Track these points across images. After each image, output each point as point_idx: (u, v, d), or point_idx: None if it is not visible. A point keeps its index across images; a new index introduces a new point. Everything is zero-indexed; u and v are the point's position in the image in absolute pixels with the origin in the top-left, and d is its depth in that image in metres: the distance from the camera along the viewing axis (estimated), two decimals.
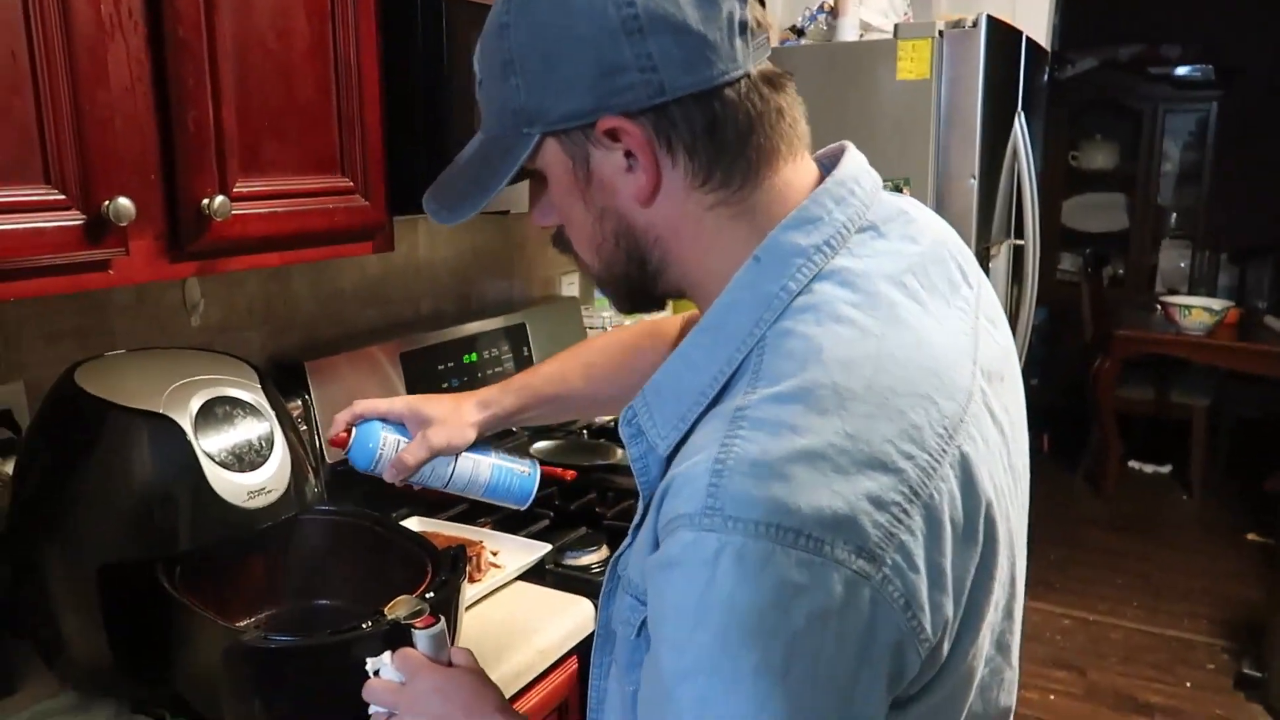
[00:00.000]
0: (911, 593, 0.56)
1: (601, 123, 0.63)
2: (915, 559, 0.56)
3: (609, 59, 0.61)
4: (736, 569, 0.53)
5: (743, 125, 0.64)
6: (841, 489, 0.54)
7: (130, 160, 0.99)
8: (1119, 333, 4.21)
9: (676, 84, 0.61)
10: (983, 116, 2.22)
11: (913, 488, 0.56)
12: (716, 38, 0.62)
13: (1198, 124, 5.29)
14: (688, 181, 0.65)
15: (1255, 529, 3.87)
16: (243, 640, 0.91)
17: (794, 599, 0.53)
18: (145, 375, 1.05)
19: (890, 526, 0.55)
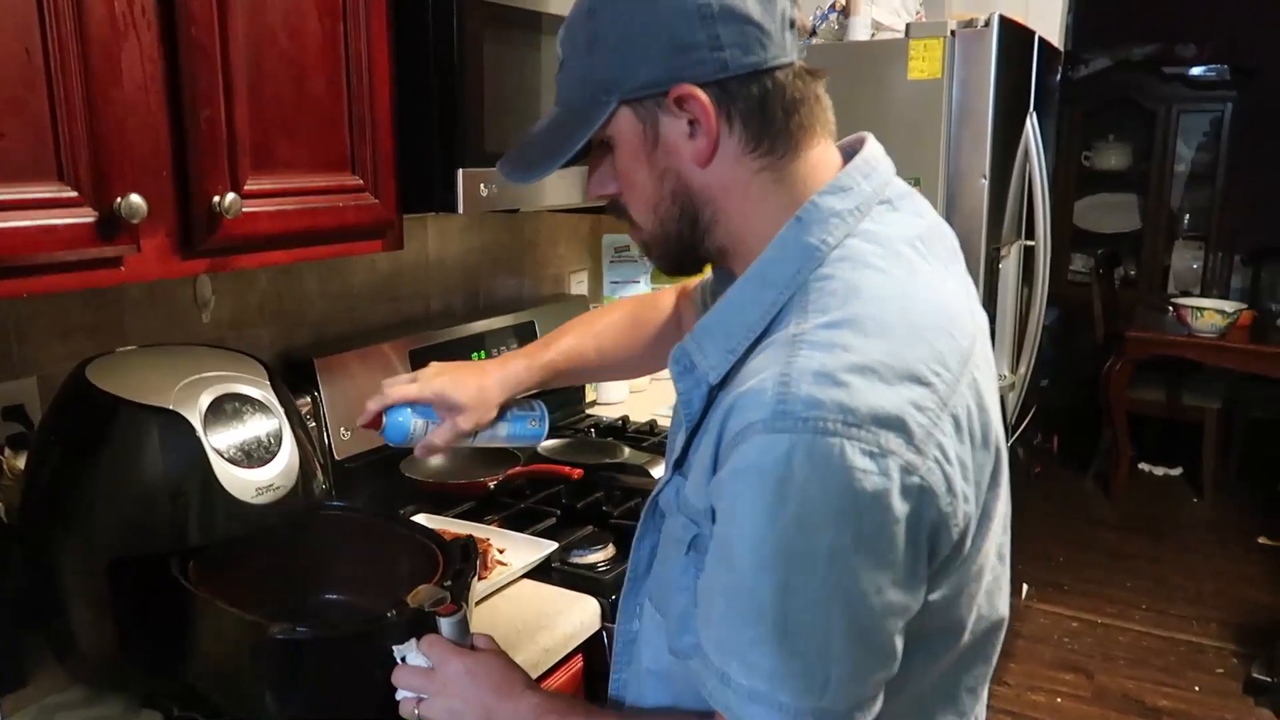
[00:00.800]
0: (949, 481, 0.67)
1: (674, 90, 0.74)
2: (949, 454, 0.67)
3: (684, 38, 0.72)
4: (808, 461, 0.63)
5: (788, 104, 0.75)
6: (889, 394, 0.65)
7: (142, 158, 0.99)
8: (1130, 334, 4.19)
9: (738, 63, 0.73)
10: (994, 116, 2.21)
11: (942, 398, 0.67)
12: (772, 28, 0.73)
13: (1211, 124, 5.25)
14: (740, 147, 0.76)
15: (1266, 532, 3.85)
16: (271, 634, 0.92)
17: (860, 484, 0.63)
18: (156, 371, 1.05)
19: (929, 427, 0.66)
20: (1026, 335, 2.63)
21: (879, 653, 0.67)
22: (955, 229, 2.48)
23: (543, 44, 1.44)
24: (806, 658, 0.65)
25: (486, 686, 0.86)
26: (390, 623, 0.93)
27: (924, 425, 0.66)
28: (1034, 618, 3.29)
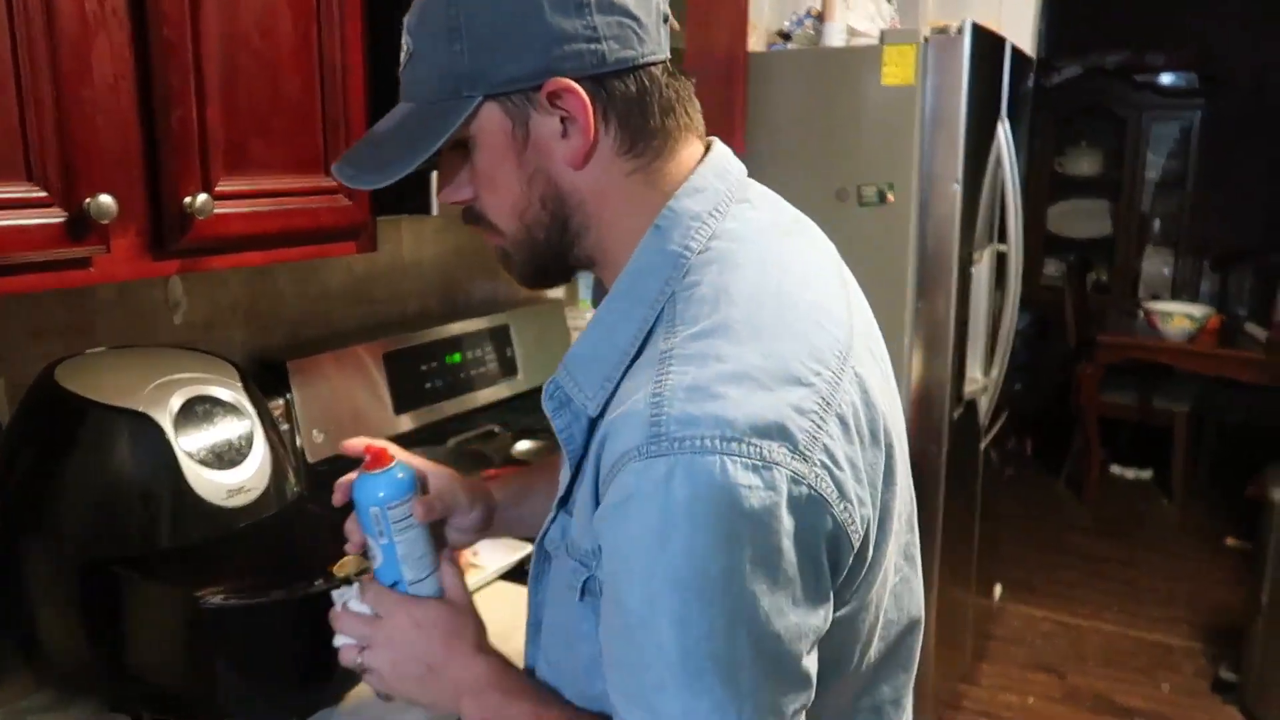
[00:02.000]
0: (840, 486, 0.63)
1: (548, 84, 0.67)
2: (838, 457, 0.63)
3: (558, 28, 0.66)
4: (690, 484, 0.59)
5: (664, 102, 0.71)
6: (768, 400, 0.61)
7: (113, 158, 0.99)
8: (1102, 338, 4.24)
9: (615, 56, 0.68)
10: (967, 122, 2.24)
11: (824, 398, 0.64)
12: (648, 22, 0.69)
13: (1181, 132, 5.33)
14: (615, 147, 0.70)
15: (1235, 534, 3.91)
16: (201, 604, 0.93)
17: (746, 501, 0.58)
18: (126, 373, 1.05)
19: (813, 431, 0.62)
20: (999, 339, 2.66)
21: (792, 679, 0.63)
22: (929, 234, 2.52)
23: None
24: (714, 694, 0.59)
25: (435, 640, 0.81)
26: (315, 591, 0.95)
27: (808, 430, 0.61)
28: (1007, 619, 3.32)
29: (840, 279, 0.77)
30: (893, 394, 0.77)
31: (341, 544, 1.09)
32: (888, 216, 2.31)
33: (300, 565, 1.13)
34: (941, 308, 2.35)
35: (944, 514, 2.45)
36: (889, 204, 2.30)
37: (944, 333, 2.36)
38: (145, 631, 1.00)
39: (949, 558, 2.55)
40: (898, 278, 2.33)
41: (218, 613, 0.95)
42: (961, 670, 2.89)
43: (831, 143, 2.34)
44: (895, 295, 2.33)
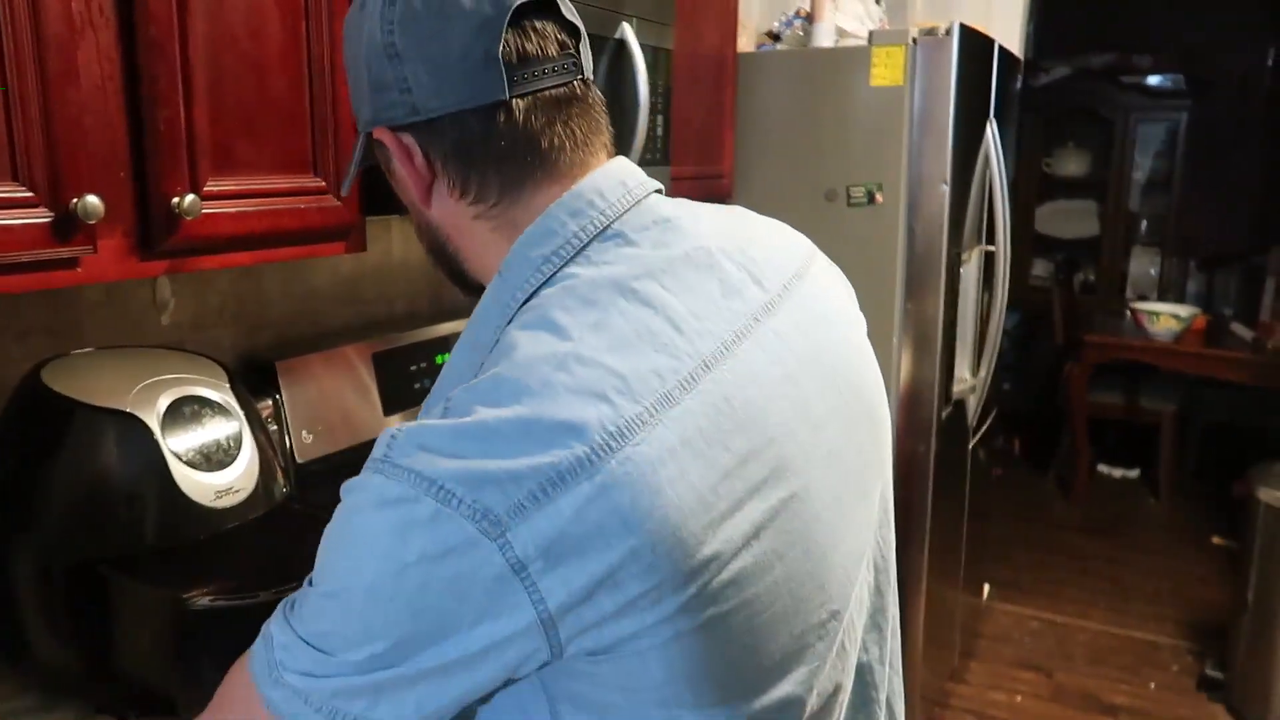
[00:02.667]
0: (527, 560, 0.57)
1: (375, 132, 0.71)
2: (543, 534, 0.57)
3: (378, 77, 0.69)
4: (378, 503, 0.60)
5: (494, 146, 0.68)
6: (488, 463, 0.57)
7: (100, 158, 0.98)
8: (1089, 338, 4.26)
9: (427, 106, 0.67)
10: (955, 123, 2.25)
11: (562, 474, 0.57)
12: (468, 69, 0.66)
13: (1168, 133, 5.37)
14: (449, 192, 0.71)
15: (1221, 533, 3.93)
16: (190, 606, 0.93)
17: (414, 538, 0.58)
18: (113, 374, 1.05)
19: (525, 501, 0.57)
20: (987, 339, 2.67)
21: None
22: (917, 234, 2.53)
23: None
24: None
25: None
26: None
27: (516, 499, 0.57)
28: (995, 618, 3.33)
29: (741, 328, 0.68)
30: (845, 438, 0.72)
31: None
32: (876, 217, 2.32)
33: (289, 566, 1.13)
34: (930, 308, 2.36)
35: (932, 513, 2.46)
36: (878, 204, 2.31)
37: (932, 332, 2.37)
38: (132, 633, 1.00)
39: (937, 557, 2.56)
40: (886, 278, 2.34)
41: (205, 614, 0.95)
42: (950, 669, 2.90)
43: (820, 143, 2.35)
44: (884, 295, 2.34)
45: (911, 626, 2.54)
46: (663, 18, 1.81)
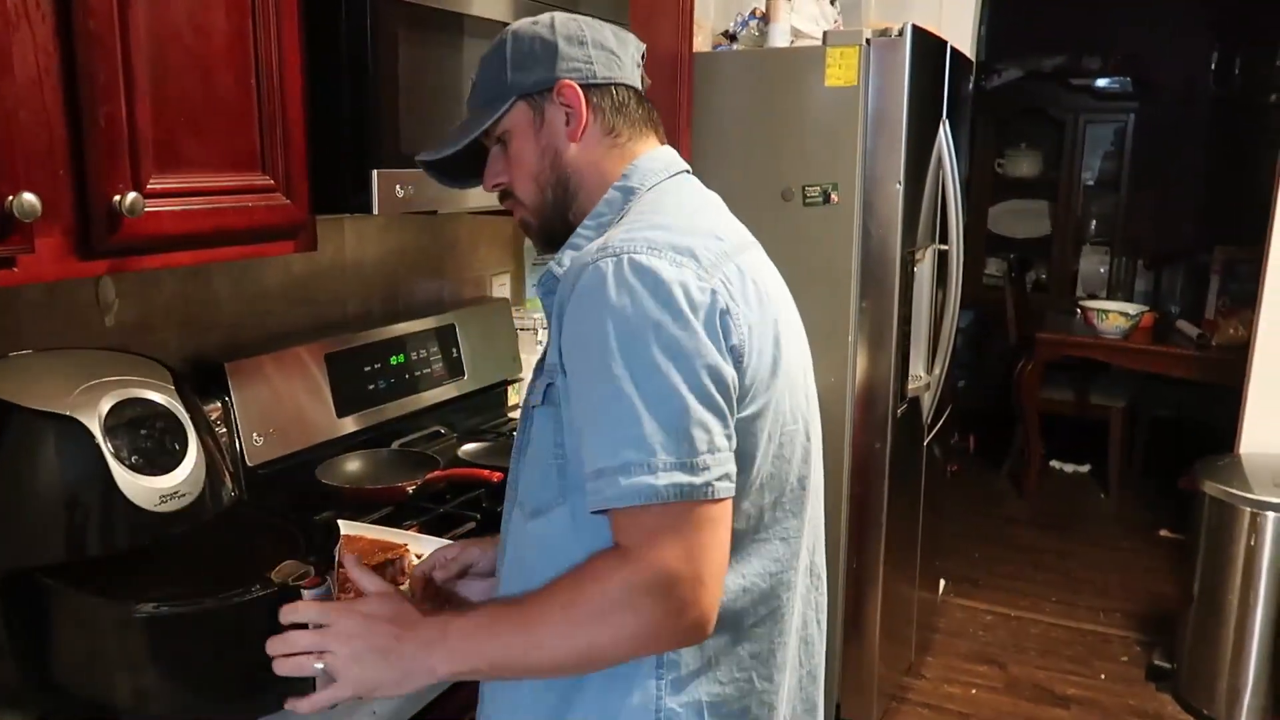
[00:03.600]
0: (731, 298, 0.89)
1: (559, 84, 1.01)
2: (732, 284, 0.90)
3: (566, 53, 1.01)
4: (634, 267, 0.86)
5: (630, 106, 1.05)
6: (682, 240, 0.90)
7: (36, 155, 0.96)
8: (1041, 336, 4.33)
9: (600, 74, 1.03)
10: (908, 123, 2.27)
11: (720, 257, 0.92)
12: (625, 58, 1.05)
13: (1116, 134, 5.48)
14: (599, 129, 1.03)
15: (1168, 525, 4.02)
16: (134, 613, 0.92)
17: (669, 282, 0.85)
18: (52, 376, 1.02)
19: (718, 260, 0.90)
20: (941, 337, 2.70)
21: (714, 407, 0.85)
22: (871, 233, 2.55)
23: (465, 46, 1.43)
24: (661, 418, 0.83)
25: (384, 623, 0.92)
26: (253, 597, 0.95)
27: (710, 261, 0.89)
28: (950, 612, 3.37)
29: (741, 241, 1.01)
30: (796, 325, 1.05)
31: (281, 549, 1.08)
32: (832, 216, 2.34)
33: (238, 571, 1.11)
34: (885, 306, 2.38)
35: (888, 510, 2.49)
36: (833, 204, 2.33)
37: (887, 330, 2.39)
38: (74, 642, 0.98)
39: (893, 553, 2.58)
40: (842, 277, 2.35)
41: (150, 621, 0.93)
42: (906, 663, 2.94)
43: (776, 143, 2.36)
44: (839, 294, 2.36)
45: (868, 623, 2.57)
46: (618, 17, 1.80)
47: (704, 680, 0.94)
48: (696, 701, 0.94)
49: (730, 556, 0.90)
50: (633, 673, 0.92)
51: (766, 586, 0.98)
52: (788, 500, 0.99)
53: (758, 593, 0.97)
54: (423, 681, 0.91)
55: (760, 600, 0.97)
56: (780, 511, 0.99)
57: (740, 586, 0.95)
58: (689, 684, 0.93)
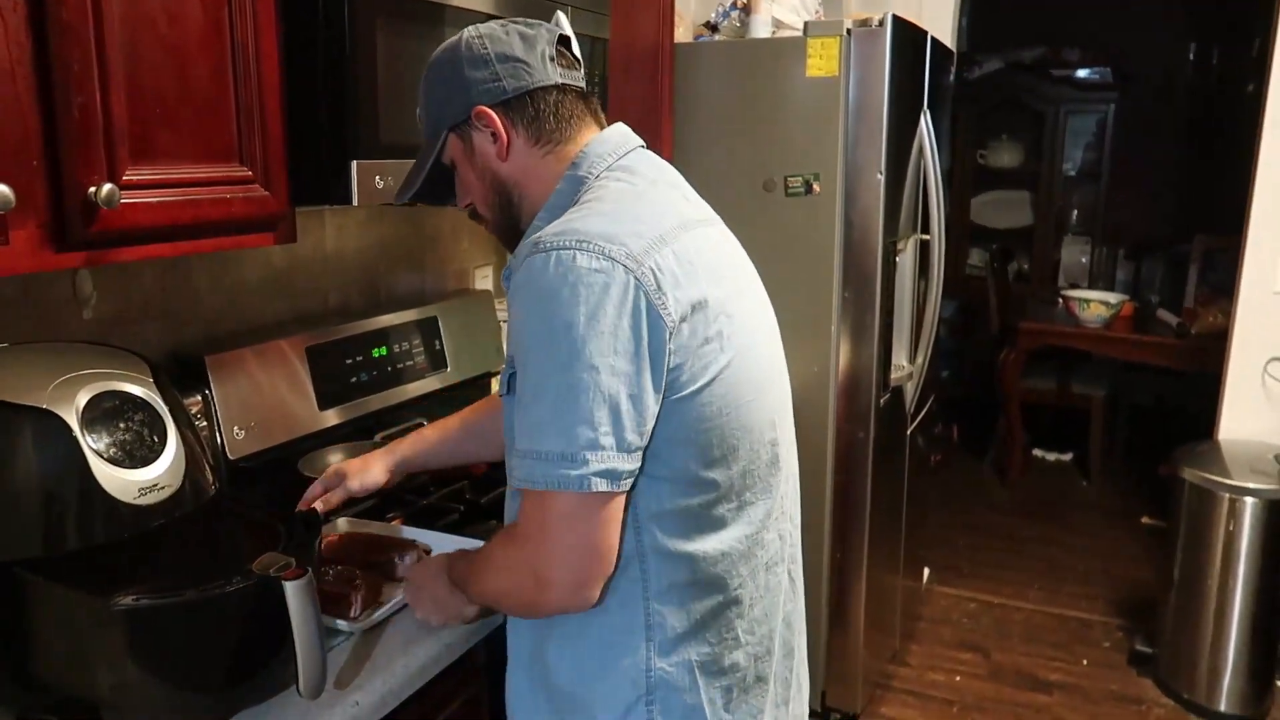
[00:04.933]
0: (659, 286, 0.92)
1: (474, 110, 1.05)
2: (662, 276, 0.93)
3: (474, 76, 1.05)
4: (558, 263, 0.91)
5: (555, 109, 1.06)
6: (614, 229, 0.94)
7: (9, 146, 0.95)
8: (1023, 325, 4.36)
9: (512, 87, 1.05)
10: (889, 113, 2.28)
11: (654, 243, 0.95)
12: (534, 61, 1.05)
13: (1097, 125, 5.50)
14: (525, 141, 1.06)
15: (1149, 512, 4.06)
16: (113, 606, 0.92)
17: (591, 274, 0.90)
18: (29, 369, 1.01)
19: (650, 247, 0.94)
20: (924, 327, 2.71)
21: (612, 405, 0.90)
22: (853, 223, 2.55)
23: (445, 36, 1.41)
24: (556, 412, 0.90)
25: (427, 585, 1.21)
26: (234, 589, 0.96)
27: (641, 248, 0.93)
28: (934, 600, 3.40)
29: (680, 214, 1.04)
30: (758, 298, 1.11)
31: (262, 542, 1.08)
32: (814, 207, 2.34)
33: (217, 563, 1.11)
34: (867, 296, 2.39)
35: (871, 499, 2.50)
36: (815, 194, 2.33)
37: (869, 321, 2.40)
38: (52, 636, 0.97)
39: (877, 542, 2.60)
40: (824, 267, 2.36)
41: (129, 614, 0.93)
42: (891, 651, 2.95)
43: (758, 134, 2.36)
44: (822, 284, 2.36)
45: (852, 611, 2.58)
46: (598, 7, 1.80)
47: (693, 642, 1.02)
48: (687, 662, 1.01)
49: (706, 525, 0.99)
50: (624, 638, 1.00)
51: (744, 549, 1.04)
52: (760, 468, 1.04)
53: (737, 555, 1.03)
54: (461, 608, 1.18)
55: (741, 560, 1.03)
56: (752, 479, 1.03)
57: (719, 551, 1.01)
58: (678, 646, 1.01)
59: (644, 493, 0.97)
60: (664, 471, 0.97)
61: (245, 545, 1.09)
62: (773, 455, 1.06)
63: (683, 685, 1.01)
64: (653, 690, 1.01)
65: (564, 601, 0.96)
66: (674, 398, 0.95)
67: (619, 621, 1.00)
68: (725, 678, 1.05)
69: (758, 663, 1.08)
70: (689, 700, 1.02)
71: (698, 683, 1.02)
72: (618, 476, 0.91)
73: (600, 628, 1.01)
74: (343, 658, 1.17)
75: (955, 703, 2.80)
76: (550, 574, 0.94)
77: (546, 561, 0.94)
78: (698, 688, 1.02)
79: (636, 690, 1.01)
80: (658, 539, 0.98)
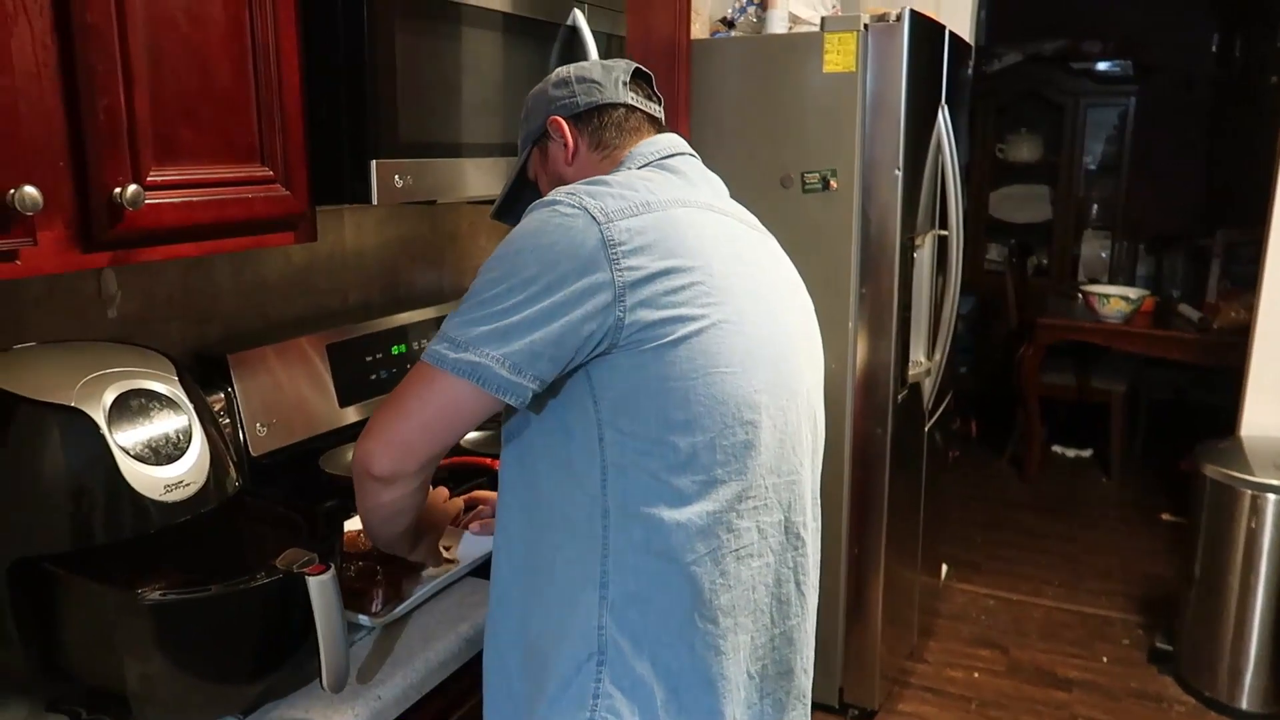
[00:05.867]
0: (622, 243, 0.97)
1: (550, 120, 1.19)
2: (632, 234, 0.98)
3: (553, 96, 1.19)
4: (540, 211, 1.01)
5: (617, 122, 1.18)
6: (604, 190, 1.02)
7: (36, 148, 0.96)
8: (1042, 321, 4.33)
9: (582, 103, 1.18)
10: (907, 109, 2.27)
11: (639, 206, 1.01)
12: (607, 83, 1.18)
13: (1118, 117, 5.46)
14: (588, 147, 1.18)
15: (1169, 509, 4.03)
16: (142, 601, 0.94)
17: (561, 218, 0.98)
18: (57, 368, 1.03)
19: (633, 208, 1.00)
20: (941, 323, 2.70)
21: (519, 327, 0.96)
22: (871, 219, 2.55)
23: (464, 36, 1.43)
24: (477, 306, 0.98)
25: None
26: (258, 584, 0.97)
27: (613, 211, 0.98)
28: (952, 596, 3.39)
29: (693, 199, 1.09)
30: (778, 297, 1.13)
31: (285, 537, 1.09)
32: (831, 202, 2.34)
33: (242, 558, 1.12)
34: (884, 292, 2.38)
35: (890, 495, 2.49)
36: (832, 190, 2.33)
37: (887, 316, 2.39)
38: (81, 629, 0.99)
39: (895, 538, 2.59)
40: (841, 263, 2.36)
41: (156, 608, 0.94)
42: (908, 648, 2.95)
43: (775, 130, 2.36)
44: (839, 280, 2.36)
45: (870, 607, 2.58)
46: (614, 4, 1.80)
47: (638, 604, 1.01)
48: (631, 623, 1.01)
49: (670, 495, 1.00)
50: (581, 593, 1.02)
51: (703, 524, 1.02)
52: (731, 445, 1.03)
53: (694, 529, 1.01)
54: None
55: (697, 536, 1.01)
56: (720, 454, 1.02)
57: (675, 521, 1.00)
58: (626, 607, 1.01)
59: (612, 445, 1.00)
60: (631, 426, 0.99)
61: (269, 541, 1.11)
62: (748, 438, 1.04)
63: (628, 653, 1.01)
64: (603, 650, 1.01)
65: (364, 461, 1.02)
66: (641, 348, 0.98)
67: (577, 574, 1.02)
68: (670, 657, 1.02)
69: (718, 659, 1.04)
70: (638, 670, 1.01)
71: (644, 655, 1.01)
72: (487, 380, 0.96)
73: (564, 580, 1.03)
74: (364, 652, 1.18)
75: (973, 699, 2.80)
76: (374, 428, 1.02)
77: (382, 417, 1.01)
78: (645, 660, 1.01)
79: (588, 647, 1.01)
80: (620, 496, 1.00)
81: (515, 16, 1.51)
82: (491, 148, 1.51)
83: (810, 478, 1.17)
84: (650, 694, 1.01)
